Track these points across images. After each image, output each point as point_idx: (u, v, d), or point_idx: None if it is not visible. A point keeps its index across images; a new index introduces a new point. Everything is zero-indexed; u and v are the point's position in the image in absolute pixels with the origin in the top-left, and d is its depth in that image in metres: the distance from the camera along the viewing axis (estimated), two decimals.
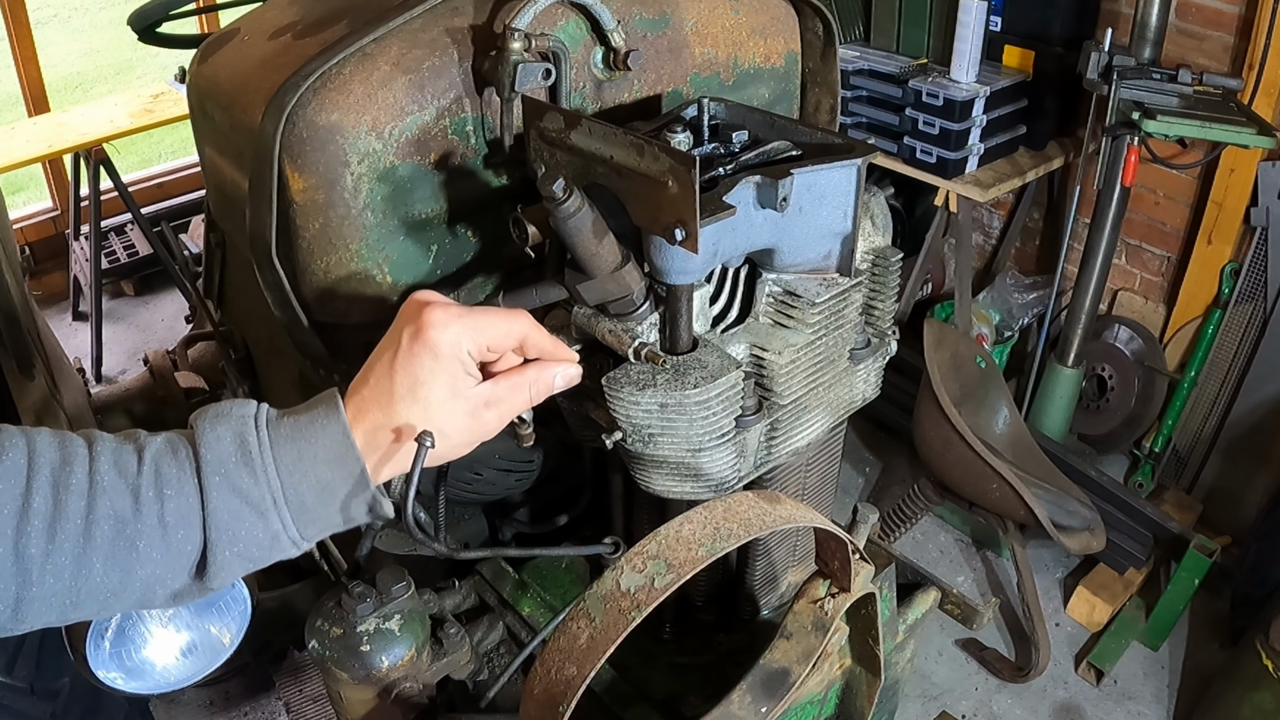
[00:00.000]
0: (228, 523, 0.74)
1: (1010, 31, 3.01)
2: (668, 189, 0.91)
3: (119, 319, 4.25)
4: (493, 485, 1.42)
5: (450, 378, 0.80)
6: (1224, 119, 2.43)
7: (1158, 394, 3.18)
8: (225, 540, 0.74)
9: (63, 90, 6.79)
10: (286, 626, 1.49)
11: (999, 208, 3.63)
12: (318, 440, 0.77)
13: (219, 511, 0.74)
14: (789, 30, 1.41)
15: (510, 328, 0.85)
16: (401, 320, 0.82)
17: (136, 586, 0.74)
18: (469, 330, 0.81)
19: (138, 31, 1.72)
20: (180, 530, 0.73)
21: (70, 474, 0.71)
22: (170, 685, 1.22)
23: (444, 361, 0.79)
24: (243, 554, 0.75)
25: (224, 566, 0.75)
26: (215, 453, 0.74)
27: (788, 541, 1.37)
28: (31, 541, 0.69)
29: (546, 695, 0.86)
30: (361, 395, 0.80)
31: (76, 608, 0.73)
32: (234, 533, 0.74)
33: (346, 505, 0.79)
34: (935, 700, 2.61)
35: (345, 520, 0.80)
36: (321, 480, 0.77)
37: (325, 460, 0.76)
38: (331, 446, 0.77)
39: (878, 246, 1.19)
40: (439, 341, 0.79)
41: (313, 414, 0.78)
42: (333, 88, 1.09)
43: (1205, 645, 2.73)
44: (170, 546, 0.73)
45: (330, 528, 0.80)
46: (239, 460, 0.74)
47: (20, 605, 0.70)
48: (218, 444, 0.75)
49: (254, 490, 0.74)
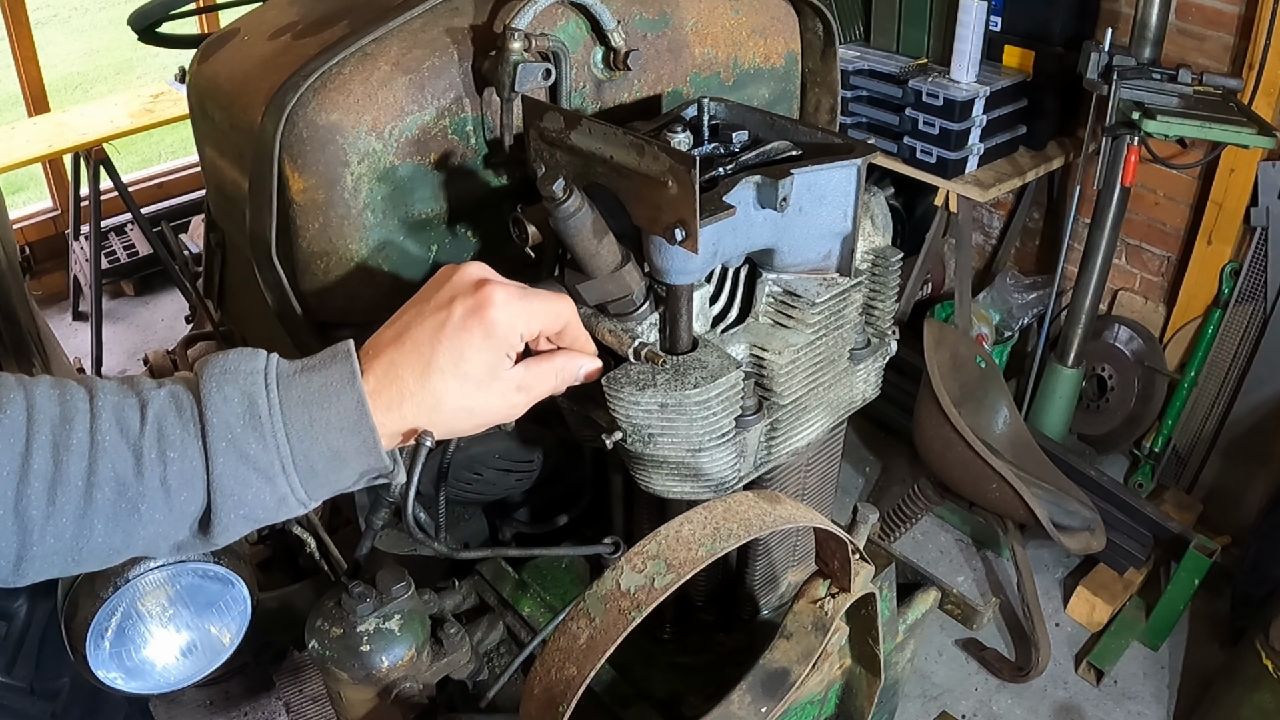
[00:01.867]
0: (233, 488, 0.71)
1: (1010, 31, 3.01)
2: (668, 189, 0.91)
3: (119, 319, 4.26)
4: (493, 485, 1.42)
5: (494, 357, 0.78)
6: (1224, 119, 2.43)
7: (1158, 394, 3.18)
8: (230, 504, 0.72)
9: (63, 90, 6.79)
10: (286, 626, 1.48)
11: (999, 208, 3.63)
12: (331, 406, 0.73)
13: (224, 477, 0.71)
14: (789, 30, 1.41)
15: (559, 312, 0.84)
16: (451, 289, 0.79)
17: (138, 544, 0.72)
18: (525, 314, 0.79)
19: (138, 31, 1.72)
20: (183, 493, 0.71)
21: (70, 432, 0.69)
22: (170, 685, 1.22)
23: (495, 342, 0.77)
24: (248, 515, 0.73)
25: (229, 526, 0.73)
26: (221, 415, 0.71)
27: (788, 541, 1.37)
28: (32, 503, 0.67)
29: (546, 695, 0.86)
30: (393, 359, 0.76)
31: (79, 564, 0.71)
32: (239, 497, 0.72)
33: (357, 469, 0.76)
34: (935, 700, 2.61)
35: (355, 483, 0.78)
36: (333, 447, 0.74)
37: (339, 428, 0.73)
38: (346, 414, 0.73)
39: (878, 246, 1.18)
40: (497, 322, 0.77)
41: (326, 375, 0.74)
42: (333, 88, 1.09)
43: (1205, 645, 2.73)
44: (173, 508, 0.71)
45: (339, 490, 0.77)
46: (246, 424, 0.71)
47: (21, 562, 0.69)
48: (224, 405, 0.71)
49: (262, 456, 0.71)
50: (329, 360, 0.75)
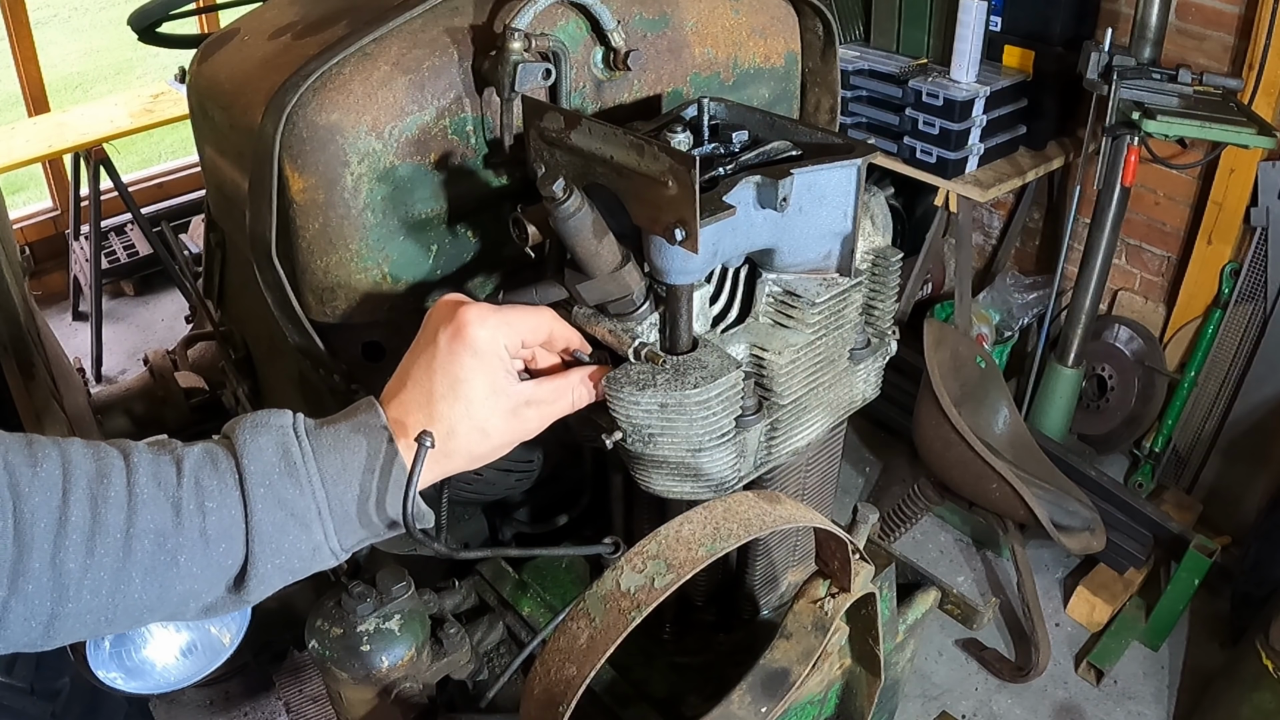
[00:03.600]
0: (271, 535, 0.72)
1: (1010, 31, 3.01)
2: (668, 189, 0.91)
3: (119, 319, 4.26)
4: (493, 485, 1.42)
5: (491, 375, 0.80)
6: (1224, 119, 2.43)
7: (1158, 394, 3.18)
8: (268, 553, 0.72)
9: (63, 90, 6.79)
10: (286, 626, 1.48)
11: (999, 208, 3.63)
12: (361, 449, 0.75)
13: (263, 524, 0.72)
14: (789, 30, 1.41)
15: (537, 322, 0.87)
16: (433, 322, 0.81)
17: (172, 600, 0.72)
18: (504, 325, 0.81)
19: (138, 31, 1.72)
20: (223, 543, 0.71)
21: (108, 486, 0.69)
22: (170, 685, 1.22)
23: (484, 358, 0.79)
24: (284, 566, 0.74)
25: (264, 579, 0.73)
26: (259, 464, 0.72)
27: (788, 541, 1.37)
28: (69, 555, 0.66)
29: (546, 695, 0.86)
30: (401, 400, 0.79)
31: (111, 624, 0.71)
32: (277, 545, 0.73)
33: (388, 513, 0.77)
34: (935, 700, 2.61)
35: (386, 529, 0.79)
36: (366, 489, 0.75)
37: (370, 469, 0.75)
38: (374, 453, 0.75)
39: (878, 246, 1.18)
40: (478, 338, 0.79)
41: (353, 422, 0.77)
42: (333, 88, 1.09)
43: (1205, 645, 2.73)
44: (211, 560, 0.71)
45: (370, 537, 0.79)
46: (283, 471, 0.72)
47: (54, 622, 0.68)
48: (260, 455, 0.73)
49: (299, 501, 0.73)
50: (353, 410, 0.78)
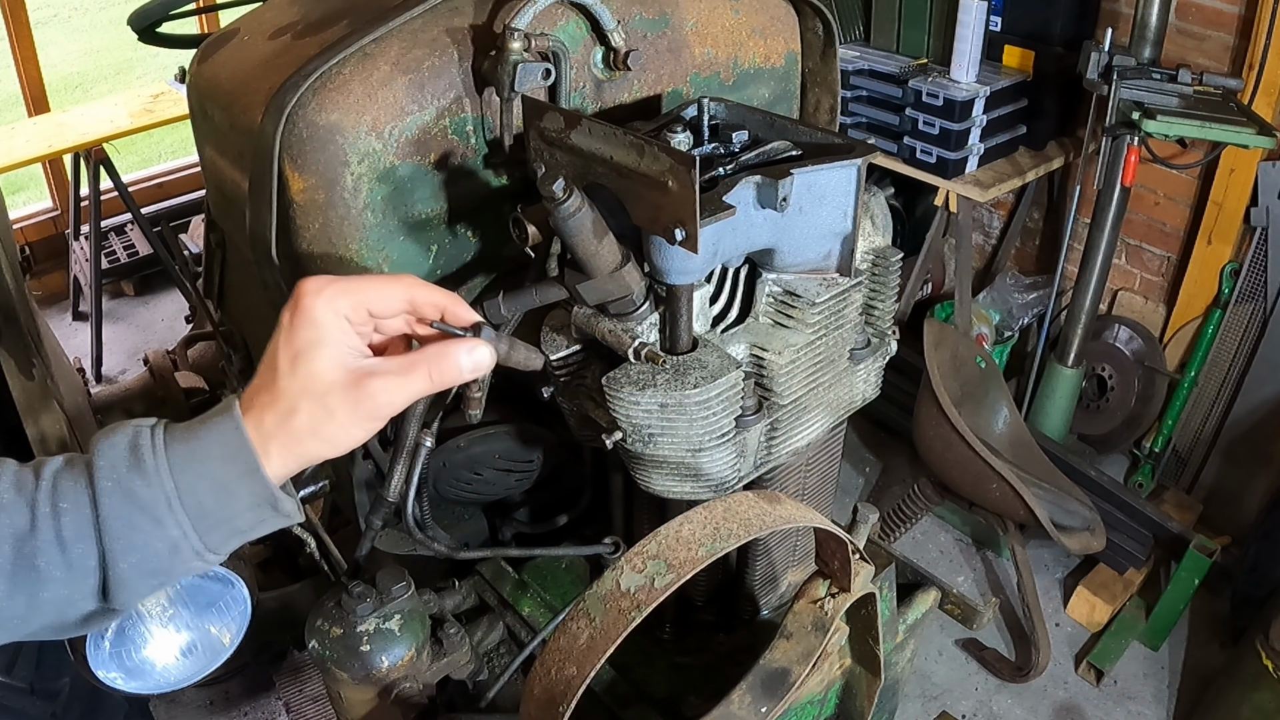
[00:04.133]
0: (121, 531, 0.70)
1: (1010, 31, 3.01)
2: (668, 189, 0.91)
3: (119, 319, 4.25)
4: (492, 485, 1.42)
5: (334, 349, 0.75)
6: (1224, 119, 2.43)
7: (1158, 394, 3.18)
8: (121, 550, 0.71)
9: (63, 90, 6.79)
10: (286, 626, 1.49)
11: (999, 208, 3.63)
12: (209, 436, 0.73)
13: (111, 519, 0.70)
14: (789, 30, 1.41)
15: (392, 288, 0.79)
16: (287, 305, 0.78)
17: (45, 610, 0.71)
18: (343, 293, 0.76)
19: (138, 31, 1.72)
20: (79, 545, 0.70)
21: None
22: (170, 685, 1.21)
23: (322, 328, 0.75)
24: (141, 565, 0.72)
25: (125, 581, 0.72)
26: (108, 459, 0.71)
27: (788, 541, 1.37)
28: None
29: (546, 695, 0.86)
30: (253, 384, 0.76)
31: None
32: (129, 541, 0.71)
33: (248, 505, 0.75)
34: (935, 700, 2.61)
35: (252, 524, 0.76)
36: (217, 478, 0.73)
37: (219, 456, 0.73)
38: (224, 441, 0.73)
39: (878, 246, 1.18)
40: (313, 306, 0.75)
41: (206, 414, 0.75)
42: (333, 88, 1.09)
43: (1205, 645, 2.73)
44: (71, 563, 0.70)
45: (236, 533, 0.76)
46: (131, 464, 0.71)
47: None
48: (110, 451, 0.72)
49: (146, 493, 0.71)
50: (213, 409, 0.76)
